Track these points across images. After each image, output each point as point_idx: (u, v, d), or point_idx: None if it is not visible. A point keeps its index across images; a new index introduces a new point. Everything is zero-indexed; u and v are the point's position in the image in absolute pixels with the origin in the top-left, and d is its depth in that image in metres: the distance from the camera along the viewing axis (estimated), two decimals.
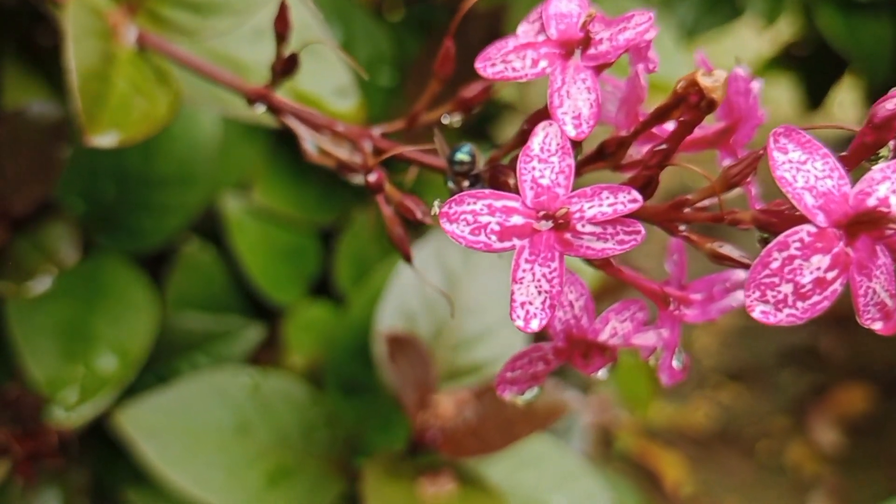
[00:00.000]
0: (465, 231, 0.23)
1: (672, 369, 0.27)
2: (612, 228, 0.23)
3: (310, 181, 0.76)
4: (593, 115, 0.24)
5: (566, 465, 0.71)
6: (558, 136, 0.24)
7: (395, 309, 0.64)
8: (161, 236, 0.66)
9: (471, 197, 0.24)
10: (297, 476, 0.63)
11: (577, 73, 0.25)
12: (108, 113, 0.35)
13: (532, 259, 0.24)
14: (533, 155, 0.24)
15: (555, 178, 0.24)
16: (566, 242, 0.23)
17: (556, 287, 0.23)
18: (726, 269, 0.28)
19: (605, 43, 0.25)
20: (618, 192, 0.23)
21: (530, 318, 0.24)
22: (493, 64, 0.25)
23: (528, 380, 0.29)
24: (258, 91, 0.33)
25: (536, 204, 0.24)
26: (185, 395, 0.61)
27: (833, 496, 1.59)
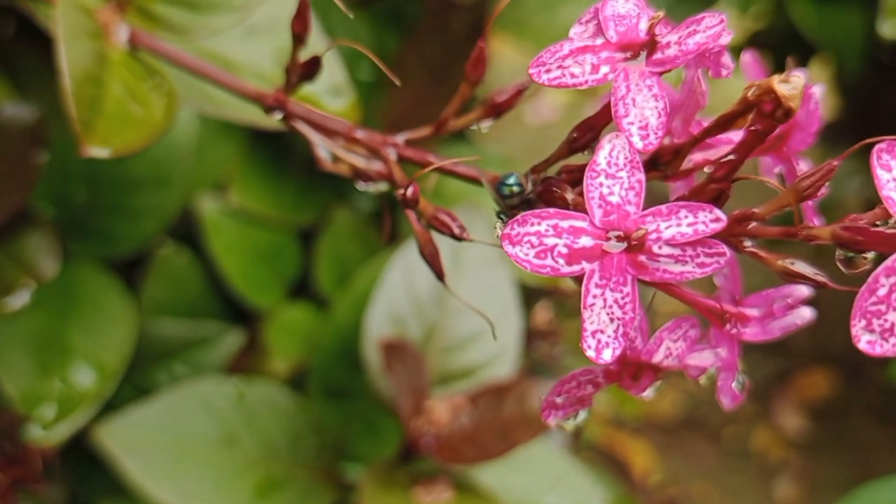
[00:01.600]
0: (529, 255, 0.22)
1: (733, 392, 0.26)
2: (692, 250, 0.21)
3: (287, 180, 0.74)
4: (661, 126, 0.22)
5: (557, 465, 0.70)
6: (626, 148, 0.22)
7: (385, 313, 0.62)
8: (135, 241, 0.63)
9: (535, 217, 0.22)
10: (287, 487, 0.61)
11: (643, 79, 0.23)
12: (104, 120, 0.32)
13: (603, 284, 0.22)
14: (599, 170, 0.22)
15: (624, 194, 0.22)
16: (640, 265, 0.22)
17: (630, 314, 0.22)
18: (785, 284, 0.27)
19: (674, 47, 0.23)
20: (697, 211, 0.21)
21: (602, 347, 0.22)
22: (549, 70, 0.23)
23: (574, 404, 0.28)
24: (276, 97, 0.30)
25: (605, 223, 0.22)
26: (167, 408, 0.59)
27: (798, 480, 1.60)
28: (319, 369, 0.67)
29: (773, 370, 1.75)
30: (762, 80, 0.23)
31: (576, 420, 0.27)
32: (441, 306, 0.64)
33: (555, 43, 0.24)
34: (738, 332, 0.26)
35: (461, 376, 0.63)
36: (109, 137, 0.32)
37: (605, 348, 0.22)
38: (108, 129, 0.32)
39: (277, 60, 0.46)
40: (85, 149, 0.31)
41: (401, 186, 0.28)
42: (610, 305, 0.22)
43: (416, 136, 0.30)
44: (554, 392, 0.27)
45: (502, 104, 0.29)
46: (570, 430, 0.27)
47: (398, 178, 0.29)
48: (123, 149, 0.33)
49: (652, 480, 1.57)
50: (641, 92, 0.23)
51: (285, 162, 0.74)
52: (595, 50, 0.23)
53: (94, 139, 0.31)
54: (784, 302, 0.26)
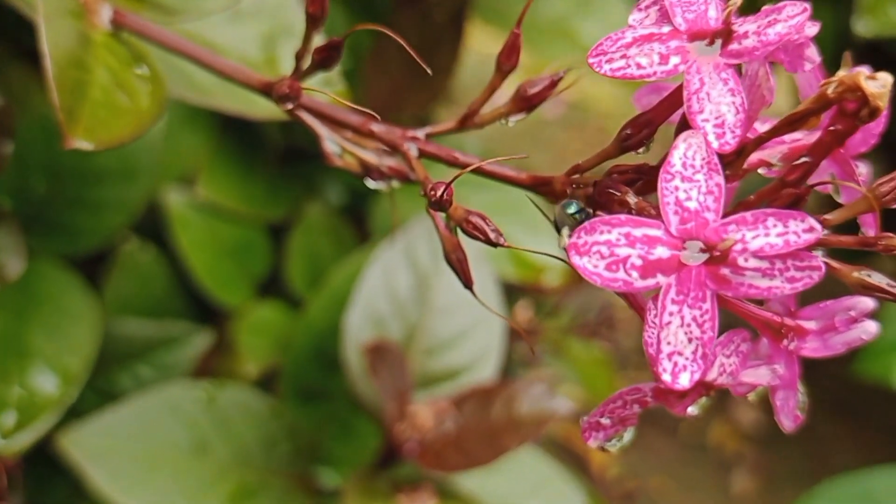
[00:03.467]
0: (599, 266, 0.19)
1: (795, 414, 0.24)
2: (782, 263, 0.19)
3: (257, 173, 0.70)
4: (739, 123, 0.20)
5: (538, 469, 0.68)
6: (703, 148, 0.20)
7: (364, 313, 0.60)
8: (99, 236, 0.60)
9: (604, 225, 0.19)
10: (261, 495, 0.58)
11: (717, 72, 0.21)
12: (89, 108, 0.29)
13: (680, 300, 0.19)
14: (674, 172, 0.20)
15: (703, 200, 0.20)
16: (721, 279, 0.19)
17: (709, 333, 0.19)
18: (847, 296, 0.25)
19: (752, 38, 0.21)
20: (787, 220, 0.19)
21: (679, 371, 0.19)
22: (611, 59, 0.21)
23: (617, 424, 0.25)
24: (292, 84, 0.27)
25: (682, 232, 0.20)
26: (134, 415, 0.55)
27: (755, 473, 1.61)
28: (292, 371, 0.64)
29: None
30: (846, 76, 0.20)
31: (621, 441, 0.25)
32: (422, 306, 0.61)
33: (615, 31, 0.21)
34: (797, 348, 0.24)
35: (443, 378, 0.61)
36: (94, 128, 0.29)
37: (683, 372, 0.19)
38: (93, 119, 0.29)
39: (263, 46, 0.43)
40: (69, 140, 0.28)
41: (425, 185, 0.25)
42: (688, 324, 0.19)
43: (438, 131, 0.28)
44: (598, 413, 0.25)
45: (534, 97, 0.27)
46: (615, 451, 0.25)
47: (421, 176, 0.26)
48: (109, 141, 0.30)
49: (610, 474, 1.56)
50: (717, 86, 0.20)
51: (255, 154, 0.71)
52: (662, 38, 0.21)
53: (77, 130, 0.28)
54: (847, 315, 0.24)
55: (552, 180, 0.25)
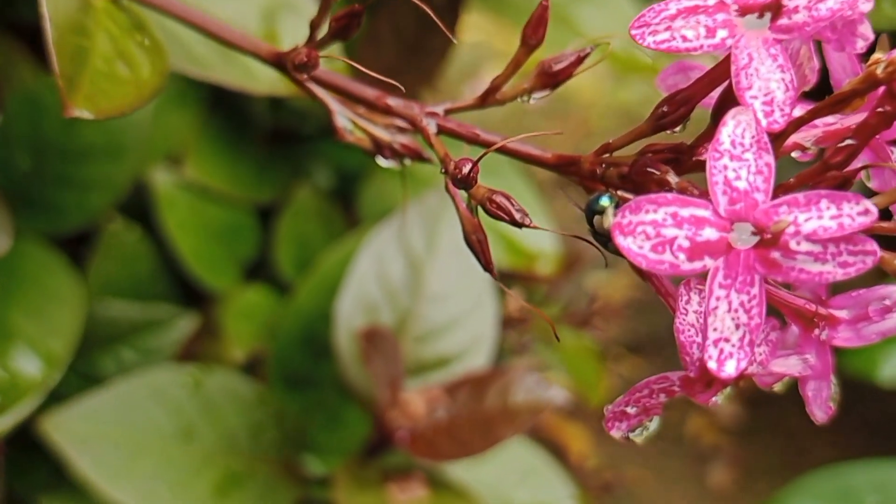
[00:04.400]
0: (645, 247, 0.18)
1: (827, 403, 0.23)
2: (835, 247, 0.18)
3: (246, 154, 0.69)
4: (788, 101, 0.19)
5: (526, 458, 0.67)
6: (752, 126, 0.19)
7: (356, 299, 0.58)
8: (84, 215, 0.58)
9: (650, 203, 0.18)
10: (247, 483, 0.57)
11: (766, 47, 0.20)
12: (90, 76, 0.28)
13: (727, 284, 0.19)
14: (723, 150, 0.19)
15: (753, 180, 0.19)
16: (771, 263, 0.19)
17: (756, 319, 0.19)
18: (880, 285, 0.24)
19: (802, 12, 0.20)
20: (841, 202, 0.18)
21: (725, 358, 0.19)
22: (655, 31, 0.20)
23: (641, 413, 0.25)
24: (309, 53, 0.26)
25: (731, 213, 0.19)
26: (119, 399, 0.54)
27: (731, 465, 1.62)
28: (279, 357, 0.63)
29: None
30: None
31: (647, 431, 0.24)
32: (414, 293, 0.60)
33: (658, 2, 0.20)
34: (829, 337, 0.24)
35: (435, 366, 0.60)
36: (95, 96, 0.28)
37: (729, 359, 0.19)
38: (94, 88, 0.28)
39: (263, 19, 0.41)
40: (69, 108, 0.26)
41: (447, 162, 0.24)
42: (735, 309, 0.19)
43: (459, 107, 0.27)
44: (623, 401, 0.24)
45: (560, 72, 0.26)
46: (640, 441, 0.24)
47: (441, 153, 0.25)
48: (110, 110, 0.28)
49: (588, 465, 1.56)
50: (765, 62, 0.19)
51: (244, 134, 0.69)
52: (708, 11, 0.20)
53: (78, 98, 0.27)
54: (881, 304, 0.23)
55: (580, 160, 0.24)
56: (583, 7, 0.69)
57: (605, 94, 2.24)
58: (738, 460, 1.64)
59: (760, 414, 1.69)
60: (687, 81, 0.26)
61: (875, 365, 0.83)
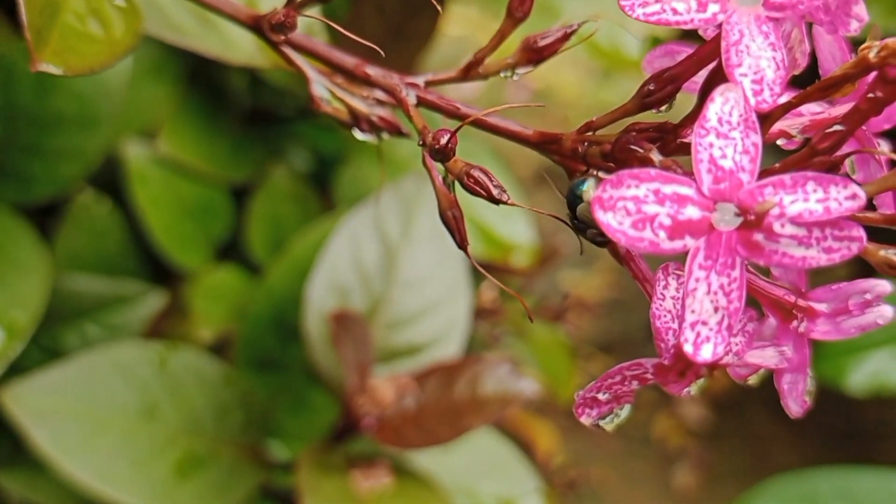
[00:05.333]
0: (625, 223, 0.18)
1: (802, 397, 0.23)
2: (820, 232, 0.18)
3: (222, 131, 0.68)
4: (779, 80, 0.19)
5: (494, 450, 0.67)
6: (741, 103, 0.18)
7: (328, 282, 0.57)
8: (53, 185, 0.57)
9: (632, 178, 0.18)
10: (209, 465, 0.56)
11: (758, 24, 0.19)
12: (59, 30, 0.27)
13: (707, 265, 0.18)
14: (710, 127, 0.18)
15: (739, 159, 0.18)
16: (754, 245, 0.18)
17: (735, 303, 0.18)
18: (861, 279, 0.23)
19: None
20: (828, 185, 0.18)
21: (702, 342, 0.18)
22: (646, 3, 0.19)
23: (612, 401, 0.24)
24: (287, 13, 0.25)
25: (715, 192, 0.18)
26: (82, 373, 0.53)
27: (696, 468, 1.62)
28: (248, 338, 0.62)
29: None
30: (891, 40, 0.19)
31: (618, 419, 0.24)
32: (388, 279, 0.59)
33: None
34: (807, 330, 0.23)
35: (405, 353, 0.59)
36: (64, 52, 0.27)
37: (706, 343, 0.18)
38: (63, 43, 0.27)
39: None
40: (36, 62, 0.25)
41: (425, 133, 0.24)
42: (714, 291, 0.18)
43: (439, 79, 0.26)
44: (595, 387, 0.24)
45: (545, 48, 0.25)
46: (611, 429, 0.24)
47: (419, 125, 0.24)
48: (79, 67, 0.27)
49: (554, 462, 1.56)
50: (757, 39, 0.19)
51: (221, 111, 0.68)
52: None
53: (46, 52, 0.26)
54: (862, 298, 0.23)
55: (561, 137, 0.23)
56: None
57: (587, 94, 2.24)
58: (704, 463, 1.64)
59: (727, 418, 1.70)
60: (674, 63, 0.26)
61: (843, 373, 0.83)
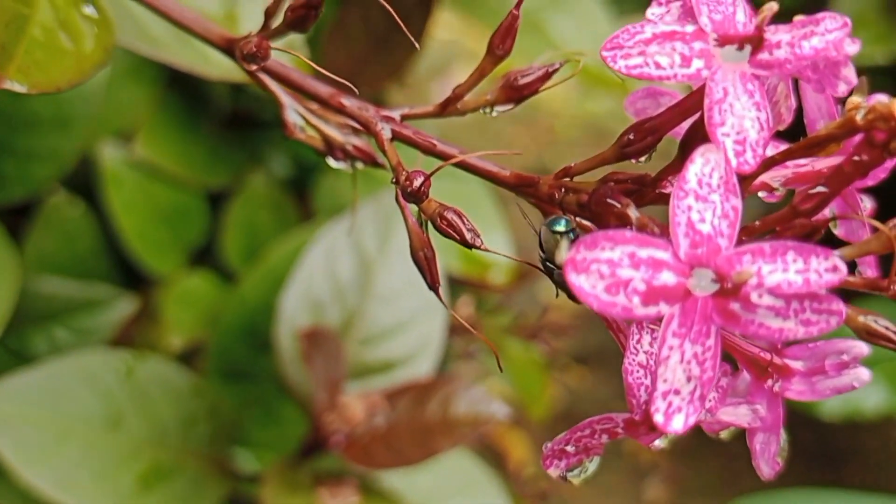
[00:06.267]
0: (598, 287, 0.17)
1: (774, 459, 0.22)
2: (798, 304, 0.17)
3: (200, 136, 0.67)
4: (762, 141, 0.18)
5: (464, 469, 0.66)
6: (721, 166, 0.18)
7: (302, 295, 0.57)
8: (25, 186, 0.56)
9: (607, 240, 0.17)
10: (174, 477, 0.55)
11: (743, 82, 0.18)
12: (25, 46, 0.26)
13: (682, 333, 0.17)
14: (688, 189, 0.18)
15: (717, 223, 0.18)
16: (730, 314, 0.17)
17: (709, 372, 0.17)
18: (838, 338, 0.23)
19: (784, 49, 0.19)
20: (809, 255, 0.17)
21: (673, 412, 0.17)
22: (628, 55, 0.19)
23: (581, 453, 0.23)
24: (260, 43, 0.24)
25: (691, 257, 0.18)
26: (47, 380, 0.52)
27: (667, 483, 1.62)
28: (218, 348, 0.61)
29: None
30: (878, 103, 0.19)
31: (585, 473, 0.23)
32: (363, 293, 0.59)
33: (633, 23, 0.19)
34: (782, 388, 0.23)
35: (378, 370, 0.58)
36: (29, 69, 0.26)
37: (678, 413, 0.17)
38: (29, 59, 0.26)
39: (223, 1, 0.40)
40: (2, 78, 0.24)
41: (398, 172, 0.23)
42: (688, 360, 0.17)
43: (415, 114, 0.25)
44: (564, 440, 0.23)
45: (524, 87, 0.24)
46: (578, 483, 0.23)
47: (394, 162, 0.24)
48: (45, 85, 0.26)
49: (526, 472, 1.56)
50: (741, 97, 0.18)
51: (200, 115, 0.67)
52: (686, 38, 0.19)
53: (10, 69, 0.25)
54: (838, 359, 0.23)
55: (538, 181, 0.22)
56: (555, 15, 0.67)
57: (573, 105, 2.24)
58: (675, 478, 1.64)
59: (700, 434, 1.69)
60: (656, 107, 0.25)
61: None
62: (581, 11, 0.71)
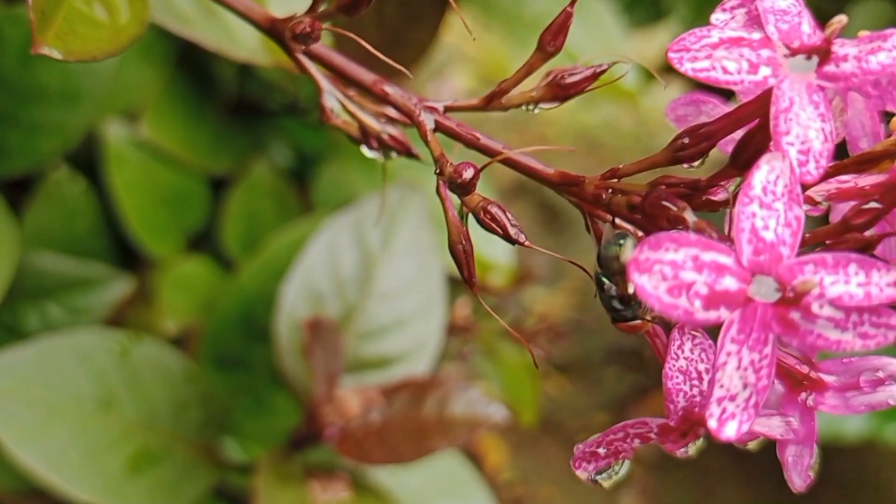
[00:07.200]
0: (660, 289, 0.17)
1: (807, 472, 0.22)
2: (857, 316, 0.17)
3: (206, 120, 0.66)
4: (825, 153, 0.18)
5: (454, 469, 0.66)
6: (787, 174, 0.18)
7: (302, 287, 0.56)
8: (29, 160, 0.55)
9: (671, 242, 0.17)
10: (163, 462, 0.54)
11: (809, 93, 0.18)
12: (64, 14, 0.25)
13: (741, 339, 0.17)
14: (753, 195, 0.18)
15: (780, 231, 0.18)
16: (789, 323, 0.17)
17: (764, 381, 0.17)
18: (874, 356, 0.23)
19: (851, 62, 0.19)
20: (870, 269, 0.17)
21: (727, 418, 0.17)
22: (695, 59, 0.19)
23: (610, 456, 0.23)
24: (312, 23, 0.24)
25: (753, 264, 0.17)
26: (40, 357, 0.51)
27: (642, 495, 1.63)
28: (213, 334, 0.61)
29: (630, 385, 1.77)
30: None
31: (616, 475, 0.23)
32: (364, 288, 0.58)
33: (698, 27, 0.19)
34: (815, 402, 0.23)
35: (375, 365, 0.58)
36: (67, 36, 0.25)
37: (731, 420, 0.17)
38: (67, 27, 0.25)
39: None
40: (38, 45, 0.24)
41: (442, 163, 0.23)
42: (745, 367, 0.17)
43: (460, 106, 0.25)
44: (595, 442, 0.23)
45: (571, 86, 0.24)
46: (608, 486, 0.23)
47: (437, 153, 0.23)
48: (81, 53, 0.26)
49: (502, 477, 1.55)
50: (807, 108, 0.18)
51: (206, 100, 0.67)
52: (753, 45, 0.19)
53: (48, 35, 0.25)
54: (874, 376, 0.22)
55: (584, 181, 0.22)
56: None
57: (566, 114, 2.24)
58: (649, 491, 1.65)
59: None
60: (698, 114, 0.25)
61: None
62: (593, 21, 0.71)
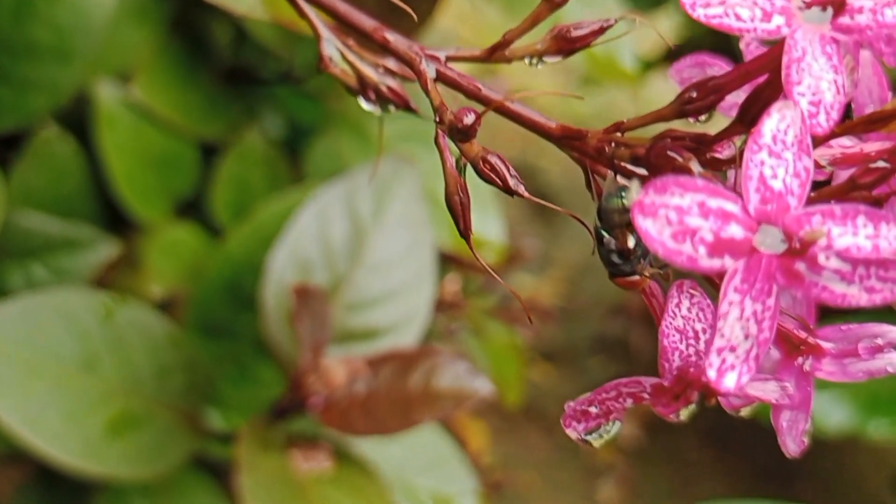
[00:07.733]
0: (665, 234, 0.16)
1: (801, 437, 0.22)
2: (864, 269, 0.17)
3: (200, 84, 0.65)
4: (836, 105, 0.18)
5: (436, 445, 0.66)
6: (797, 123, 0.17)
7: (291, 255, 0.56)
8: (18, 117, 0.54)
9: (677, 186, 0.17)
10: (144, 426, 0.53)
11: (822, 44, 0.18)
12: None
13: (744, 289, 0.17)
14: (763, 143, 0.17)
15: (789, 181, 0.17)
16: (793, 275, 0.17)
17: (766, 333, 0.17)
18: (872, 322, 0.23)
19: (867, 14, 0.18)
20: (879, 221, 0.17)
21: (726, 370, 0.17)
22: (708, 4, 0.18)
23: (602, 416, 0.23)
24: None
25: (760, 213, 0.17)
26: (23, 314, 0.50)
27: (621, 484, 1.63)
28: (199, 301, 0.60)
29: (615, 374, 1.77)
30: None
31: (606, 435, 0.23)
32: (353, 259, 0.58)
33: None
34: (812, 368, 0.22)
35: (362, 337, 0.57)
36: None
37: (730, 371, 0.17)
38: None
39: None
40: None
41: (442, 110, 0.22)
42: (747, 318, 0.17)
43: (462, 56, 0.24)
44: (587, 400, 0.22)
45: (577, 40, 0.24)
46: (598, 445, 0.23)
47: (437, 101, 0.23)
48: None
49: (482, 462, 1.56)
50: (819, 59, 0.18)
51: (200, 64, 0.66)
52: None
53: None
54: (873, 342, 0.22)
55: (586, 134, 0.22)
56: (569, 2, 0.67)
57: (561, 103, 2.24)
58: (629, 481, 1.65)
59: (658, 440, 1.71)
60: (702, 76, 0.24)
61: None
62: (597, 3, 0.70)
